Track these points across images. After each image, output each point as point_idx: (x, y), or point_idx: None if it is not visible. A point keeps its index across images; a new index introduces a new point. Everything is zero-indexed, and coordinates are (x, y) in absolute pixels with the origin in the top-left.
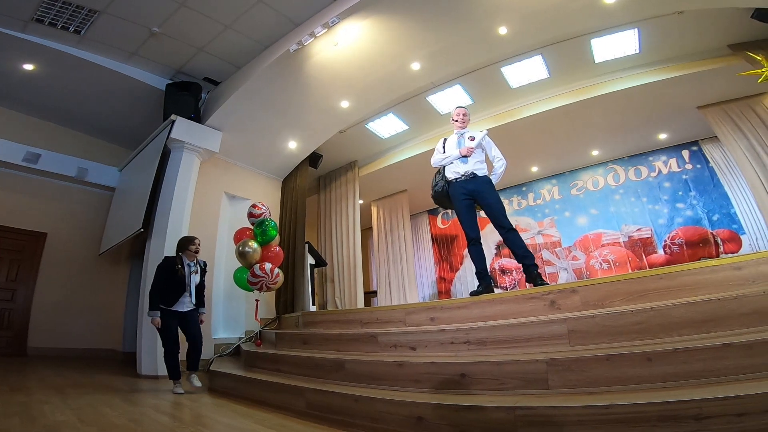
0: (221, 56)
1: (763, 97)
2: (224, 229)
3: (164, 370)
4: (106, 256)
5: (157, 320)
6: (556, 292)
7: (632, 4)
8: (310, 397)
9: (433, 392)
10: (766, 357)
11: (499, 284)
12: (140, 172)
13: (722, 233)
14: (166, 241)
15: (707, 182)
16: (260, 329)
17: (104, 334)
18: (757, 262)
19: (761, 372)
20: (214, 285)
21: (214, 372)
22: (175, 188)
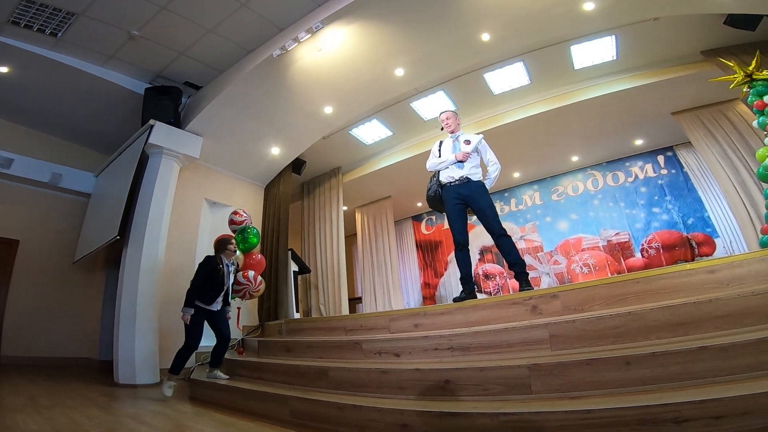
0: (203, 60)
1: (735, 102)
2: (205, 236)
3: (143, 379)
4: (81, 264)
5: (187, 317)
6: (538, 297)
7: (610, 10)
8: (295, 405)
9: (417, 399)
10: (741, 359)
11: (483, 289)
12: (117, 178)
13: (697, 236)
14: (144, 249)
15: (682, 187)
16: (242, 337)
17: (80, 342)
18: (731, 266)
19: (737, 374)
20: None
21: (195, 381)
22: (153, 194)
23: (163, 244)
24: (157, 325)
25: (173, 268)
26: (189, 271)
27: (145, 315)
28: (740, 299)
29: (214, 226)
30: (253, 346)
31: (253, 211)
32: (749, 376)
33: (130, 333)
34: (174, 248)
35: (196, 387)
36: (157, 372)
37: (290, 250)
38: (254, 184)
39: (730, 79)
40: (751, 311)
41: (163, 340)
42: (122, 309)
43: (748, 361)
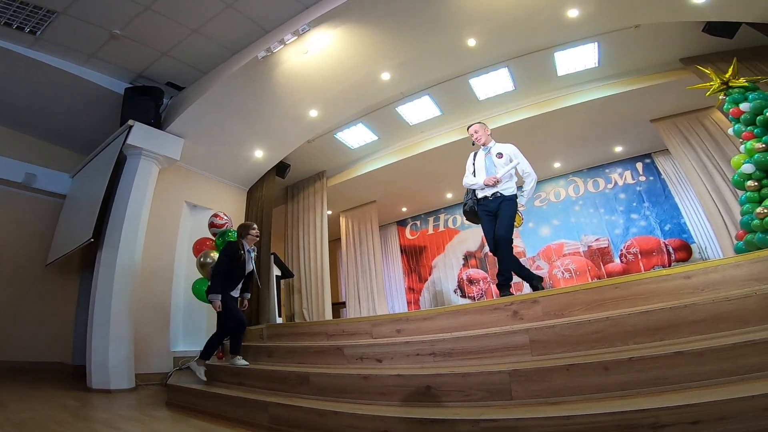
0: (186, 61)
1: (711, 110)
2: (184, 239)
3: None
4: (54, 267)
5: (218, 303)
6: (519, 303)
7: (593, 17)
8: (274, 411)
9: (399, 405)
10: (716, 364)
11: (466, 294)
12: (93, 179)
13: (673, 242)
14: (119, 252)
15: (659, 194)
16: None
17: (52, 346)
18: (706, 271)
19: (712, 379)
20: (173, 296)
21: (172, 386)
22: (131, 196)
23: (139, 247)
24: (133, 329)
25: (150, 271)
26: (167, 275)
27: (120, 319)
28: (715, 304)
29: (195, 230)
30: None
31: (235, 215)
32: (724, 381)
33: (103, 337)
34: (151, 251)
35: (174, 392)
36: (132, 377)
37: (273, 254)
38: (237, 187)
39: (707, 87)
40: (726, 316)
41: (139, 344)
42: (96, 312)
43: (724, 366)
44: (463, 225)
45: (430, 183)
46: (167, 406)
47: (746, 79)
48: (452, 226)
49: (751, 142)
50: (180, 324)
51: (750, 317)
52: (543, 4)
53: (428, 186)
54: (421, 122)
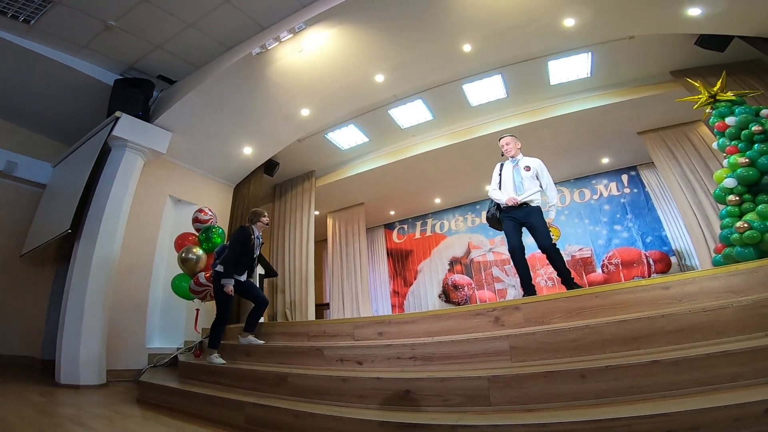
0: (180, 55)
1: (698, 124)
2: (166, 234)
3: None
4: (29, 258)
5: (230, 287)
6: (501, 309)
7: (589, 27)
8: (250, 411)
9: (377, 408)
10: (691, 374)
11: (451, 299)
12: (75, 170)
13: (654, 254)
14: (97, 245)
15: (642, 206)
16: (201, 340)
17: (22, 340)
18: (684, 282)
19: (686, 389)
20: (151, 292)
21: (145, 383)
22: (113, 189)
23: (118, 240)
24: (106, 324)
25: (129, 265)
26: (146, 270)
27: (94, 313)
28: (691, 315)
29: (178, 224)
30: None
31: (220, 211)
32: (698, 391)
33: (75, 331)
34: (131, 246)
35: (146, 389)
36: (103, 373)
37: None
38: (223, 183)
39: (695, 100)
40: (702, 327)
41: (113, 340)
42: (69, 306)
43: (697, 376)
44: (450, 230)
45: (419, 187)
46: (138, 404)
47: (734, 93)
48: (439, 231)
49: (734, 157)
50: (157, 320)
51: (725, 328)
52: (541, 12)
53: (417, 190)
54: (413, 126)
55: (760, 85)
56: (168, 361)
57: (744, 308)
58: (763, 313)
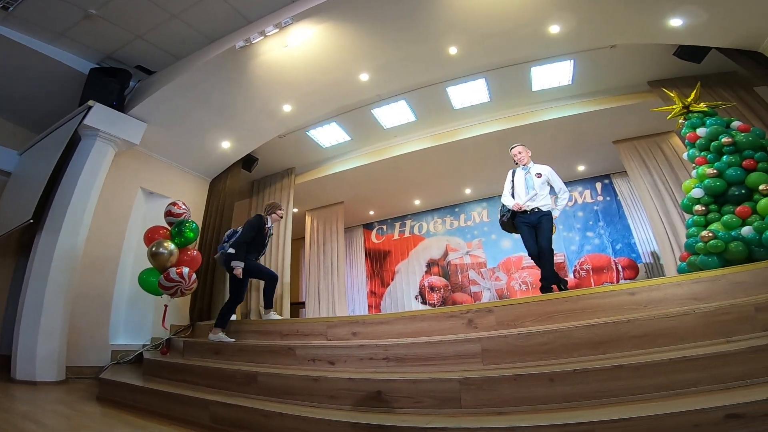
0: (161, 45)
1: (670, 135)
2: (135, 227)
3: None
4: None
5: (239, 270)
6: (474, 311)
7: (573, 34)
8: (216, 410)
9: (348, 409)
10: (654, 379)
11: (427, 301)
12: (42, 158)
13: (623, 261)
14: (60, 237)
15: (614, 214)
16: (168, 337)
17: None
18: (649, 289)
19: (650, 393)
20: (116, 286)
21: (106, 380)
22: (80, 178)
23: (83, 232)
24: (67, 318)
25: (94, 258)
26: (112, 264)
27: (53, 307)
28: (655, 320)
29: (149, 218)
30: (179, 347)
31: (195, 205)
32: (661, 395)
33: (33, 325)
34: (97, 238)
35: (107, 387)
36: (62, 369)
37: None
38: (199, 177)
39: (669, 110)
40: (665, 332)
41: (74, 335)
42: (27, 299)
43: (660, 381)
44: (429, 232)
45: (399, 188)
46: (98, 401)
47: (706, 104)
48: (418, 232)
49: (703, 168)
50: (122, 316)
51: (687, 334)
52: (528, 18)
53: (397, 191)
54: (396, 126)
55: (733, 97)
56: (132, 359)
57: (706, 315)
58: (724, 320)
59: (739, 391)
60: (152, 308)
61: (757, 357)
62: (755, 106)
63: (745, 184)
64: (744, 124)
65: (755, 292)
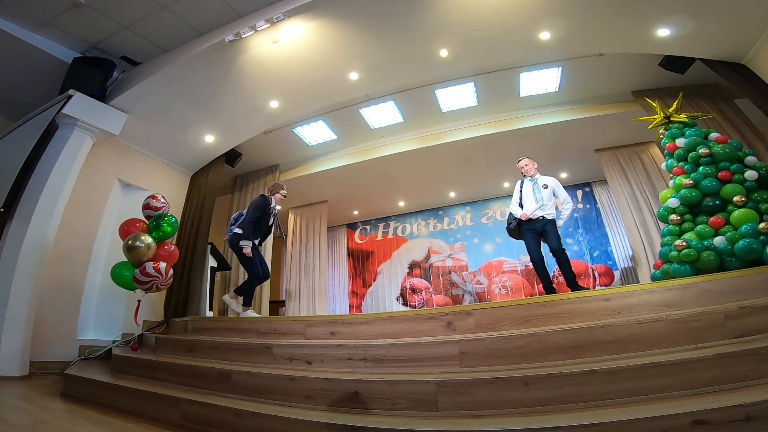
0: (148, 37)
1: (650, 145)
2: (110, 219)
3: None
4: None
5: (249, 249)
6: (453, 314)
7: (563, 41)
8: (186, 408)
9: (324, 410)
10: (625, 384)
11: (408, 302)
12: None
13: (599, 268)
14: (30, 227)
15: (593, 222)
16: (141, 333)
17: None
18: (623, 295)
19: (620, 398)
20: (87, 280)
21: (72, 376)
22: (54, 167)
23: (55, 222)
24: (34, 312)
25: (64, 251)
26: (84, 257)
27: (20, 299)
28: (628, 326)
29: (125, 210)
30: (151, 343)
31: (174, 199)
32: (631, 401)
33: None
34: (69, 229)
35: (72, 383)
36: (26, 364)
37: (210, 243)
38: (180, 170)
39: (650, 119)
40: (636, 338)
41: (40, 329)
42: None
43: (630, 386)
44: (412, 234)
45: (384, 189)
46: (62, 397)
47: (687, 115)
48: (401, 234)
49: (679, 178)
50: (92, 310)
51: (657, 341)
52: (520, 23)
53: (382, 192)
54: (383, 127)
55: (713, 108)
56: (101, 354)
57: (676, 321)
58: (693, 326)
59: (706, 398)
60: (124, 303)
61: (724, 364)
62: (734, 118)
63: (719, 195)
64: (722, 136)
65: (725, 300)
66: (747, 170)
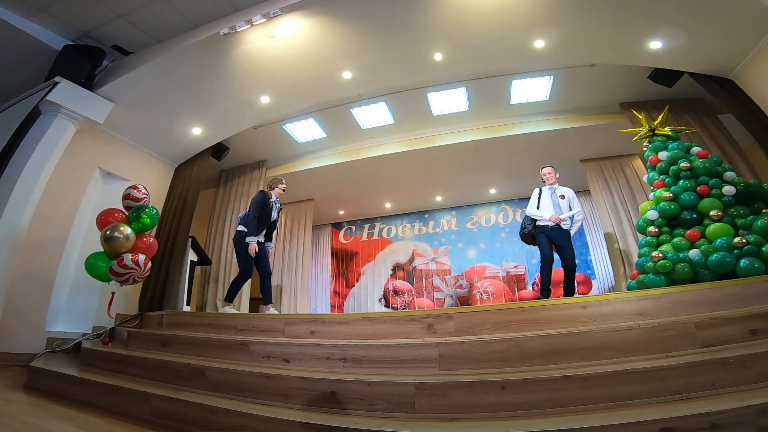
0: (142, 27)
1: (634, 158)
2: (88, 208)
3: None
4: None
5: (254, 246)
6: (434, 317)
7: (557, 50)
8: (157, 403)
9: (300, 409)
10: (598, 390)
11: (390, 304)
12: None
13: (578, 277)
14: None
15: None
16: (113, 326)
17: None
18: (600, 303)
19: (593, 404)
20: (60, 270)
21: (37, 369)
22: (33, 154)
23: (30, 210)
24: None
25: (38, 239)
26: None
27: None
28: (603, 334)
29: (104, 200)
30: (123, 337)
31: (157, 190)
32: (604, 407)
33: None
34: (45, 217)
35: (37, 375)
36: None
37: (191, 237)
38: (164, 161)
39: (636, 132)
40: (611, 345)
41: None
42: None
43: (603, 392)
44: (397, 236)
45: (371, 190)
46: (25, 390)
47: (671, 129)
48: (386, 236)
49: (660, 191)
50: (63, 301)
51: (630, 348)
52: (515, 30)
53: (369, 193)
54: (373, 128)
55: (697, 123)
56: (69, 347)
57: (649, 330)
58: (665, 335)
59: (675, 405)
60: (98, 295)
61: (693, 372)
62: (716, 133)
63: (697, 208)
64: (703, 151)
65: (697, 310)
66: (725, 185)
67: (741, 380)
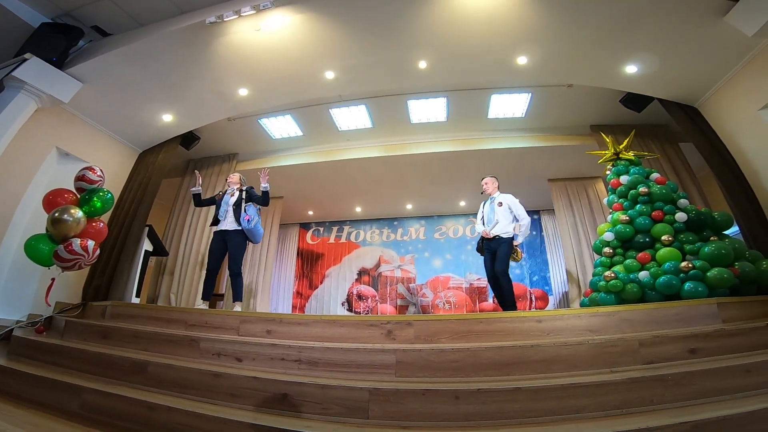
0: (127, 9)
1: (597, 180)
2: (38, 187)
3: None
4: None
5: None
6: (394, 323)
7: (537, 68)
8: (88, 398)
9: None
10: (546, 403)
11: (353, 309)
12: None
13: (536, 292)
14: None
15: (536, 248)
16: (51, 315)
17: None
18: (554, 318)
19: (542, 417)
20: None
21: None
22: None
23: None
24: None
25: None
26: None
27: None
28: (554, 347)
29: (57, 180)
30: (59, 327)
31: (116, 174)
32: (551, 419)
33: None
34: None
35: None
36: None
37: (148, 226)
38: (128, 146)
39: (601, 154)
40: (561, 359)
41: None
42: None
43: (551, 405)
44: (365, 241)
45: (342, 192)
46: None
47: (634, 153)
48: (354, 240)
49: (617, 213)
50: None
51: (579, 363)
52: (500, 45)
53: (340, 195)
54: (351, 130)
55: (659, 149)
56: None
57: (597, 346)
58: (611, 351)
59: (616, 420)
60: (37, 281)
61: (634, 387)
62: (675, 160)
63: (650, 232)
64: (661, 177)
65: (642, 329)
66: (678, 212)
67: (677, 397)
